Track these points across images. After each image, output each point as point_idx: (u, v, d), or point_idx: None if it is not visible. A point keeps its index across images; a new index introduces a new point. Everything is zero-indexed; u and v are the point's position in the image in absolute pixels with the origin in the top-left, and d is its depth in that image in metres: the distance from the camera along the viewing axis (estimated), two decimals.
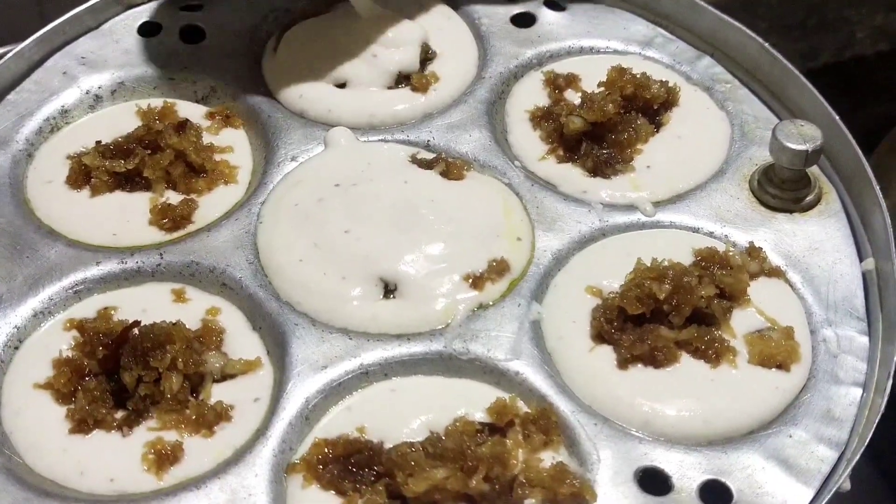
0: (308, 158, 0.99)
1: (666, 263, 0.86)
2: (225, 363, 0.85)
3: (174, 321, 0.84)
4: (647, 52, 1.08)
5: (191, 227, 0.94)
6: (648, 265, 0.86)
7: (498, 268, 0.89)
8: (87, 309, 0.89)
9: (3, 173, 0.98)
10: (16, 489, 0.77)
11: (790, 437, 0.80)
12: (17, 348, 0.87)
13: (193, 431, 0.81)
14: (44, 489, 0.78)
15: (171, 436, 0.81)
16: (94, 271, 0.91)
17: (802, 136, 0.92)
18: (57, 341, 0.86)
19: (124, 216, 0.94)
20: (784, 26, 1.41)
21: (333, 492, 0.77)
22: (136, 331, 0.83)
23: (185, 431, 0.81)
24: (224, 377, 0.85)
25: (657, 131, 1.00)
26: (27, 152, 1.00)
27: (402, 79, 1.05)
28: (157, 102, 1.03)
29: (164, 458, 0.79)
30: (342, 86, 1.05)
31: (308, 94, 1.04)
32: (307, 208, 0.94)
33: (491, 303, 0.88)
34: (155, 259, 0.91)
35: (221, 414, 0.82)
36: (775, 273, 0.89)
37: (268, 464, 0.79)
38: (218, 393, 0.84)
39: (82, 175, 0.97)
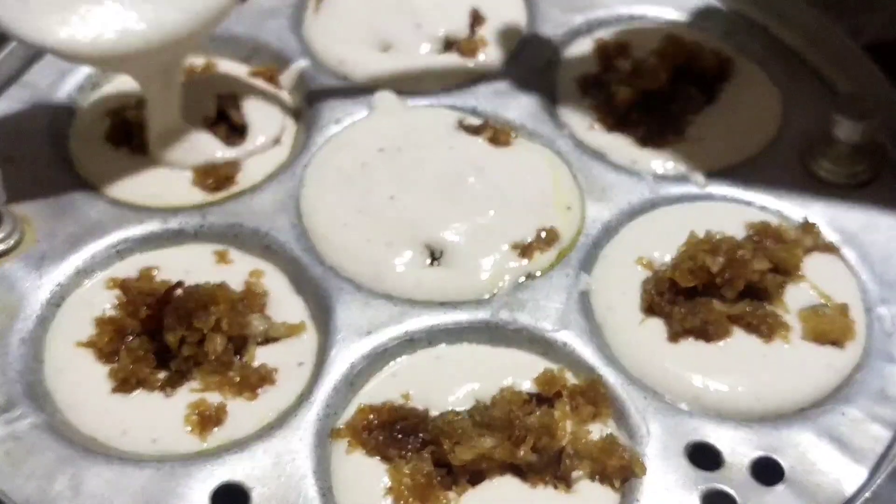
0: (352, 122, 0.98)
1: (719, 236, 0.85)
2: (268, 326, 0.83)
3: (218, 282, 0.83)
4: (701, 23, 1.06)
5: (234, 189, 0.93)
6: (701, 238, 0.85)
7: (547, 237, 0.88)
8: (129, 268, 0.88)
9: (44, 129, 0.97)
10: (59, 446, 0.76)
11: (843, 415, 0.79)
12: (58, 305, 0.86)
13: (237, 393, 0.80)
14: (86, 447, 0.77)
15: (214, 397, 0.80)
16: (136, 230, 0.90)
17: (860, 111, 0.90)
18: (99, 300, 0.85)
19: (166, 175, 0.93)
20: (826, 5, 1.39)
21: (378, 458, 0.76)
22: (179, 291, 0.82)
23: (228, 393, 0.80)
24: (267, 340, 0.83)
25: (710, 102, 0.99)
26: (69, 109, 0.99)
27: (450, 44, 1.03)
28: (199, 61, 1.02)
29: (207, 419, 0.78)
30: (386, 49, 1.03)
31: (351, 58, 1.03)
32: (351, 173, 0.92)
33: (539, 272, 0.87)
34: (197, 220, 0.90)
35: (265, 377, 0.81)
36: (830, 249, 0.88)
37: (312, 428, 0.78)
38: (261, 356, 0.83)
39: (123, 132, 0.96)
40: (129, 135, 0.96)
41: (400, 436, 0.77)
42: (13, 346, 0.82)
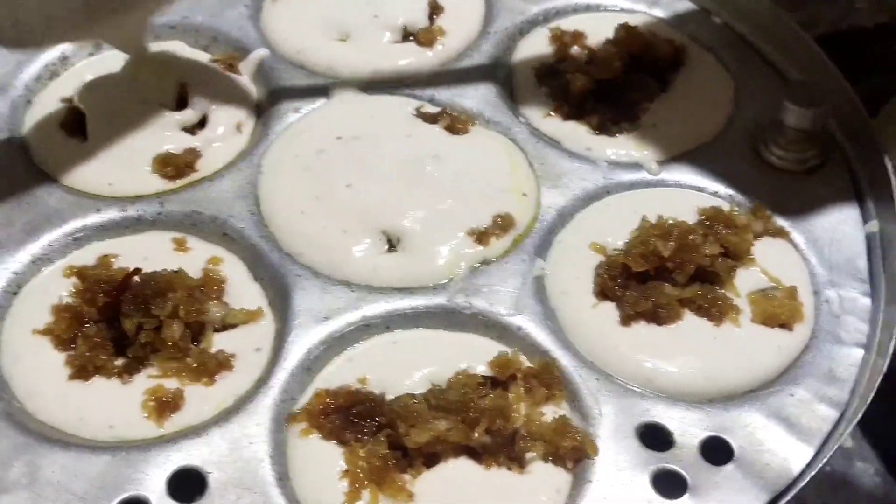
0: (310, 110, 0.98)
1: (671, 222, 0.86)
2: (226, 313, 0.84)
3: (176, 269, 0.83)
4: (654, 11, 1.08)
5: (193, 176, 0.93)
6: (653, 223, 0.86)
7: (503, 223, 0.89)
8: (87, 256, 0.88)
9: (1, 119, 0.97)
10: (15, 434, 0.76)
11: (791, 395, 0.80)
12: (15, 294, 0.86)
13: (194, 379, 0.80)
14: (44, 434, 0.77)
15: (171, 383, 0.80)
16: (94, 218, 0.90)
17: (810, 98, 0.91)
18: (56, 287, 0.85)
19: (124, 163, 0.93)
20: None
21: (335, 441, 0.77)
22: (137, 278, 0.82)
23: (185, 379, 0.80)
24: (225, 327, 0.84)
25: (663, 90, 1.00)
26: (26, 98, 0.99)
27: (408, 33, 1.04)
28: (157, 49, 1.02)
29: (164, 405, 0.79)
30: (344, 40, 1.04)
31: (308, 48, 1.03)
32: (307, 160, 0.93)
33: (494, 258, 0.88)
34: (155, 207, 0.91)
35: (223, 363, 0.81)
36: (779, 233, 0.89)
37: (269, 413, 0.78)
38: (219, 342, 0.83)
39: (78, 120, 0.96)
40: (84, 123, 0.95)
41: (356, 420, 0.78)
42: None
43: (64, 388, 0.80)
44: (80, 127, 0.95)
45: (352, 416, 0.78)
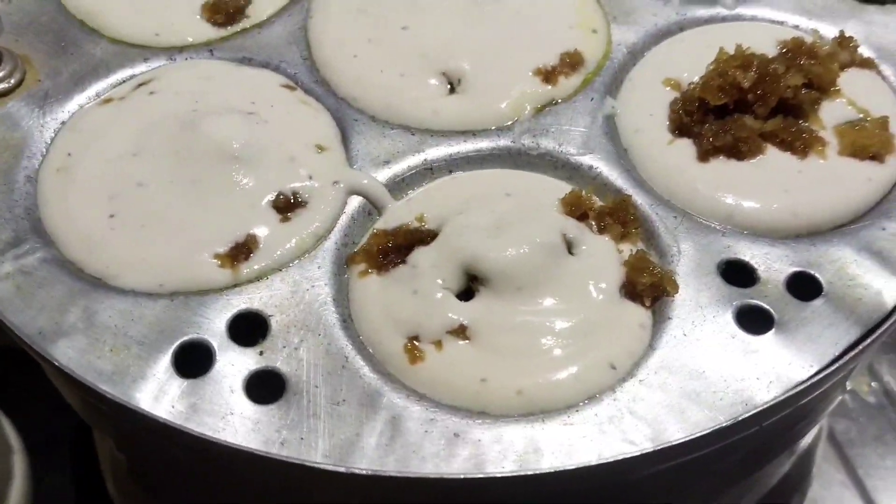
0: None
1: (750, 52, 0.80)
2: None
3: None
4: None
5: (245, 23, 0.89)
6: (731, 54, 0.80)
7: (571, 62, 0.84)
8: None
9: None
10: (70, 280, 0.73)
11: (883, 229, 0.75)
12: None
13: None
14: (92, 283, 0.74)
15: None
16: (141, 68, 0.86)
17: None
18: None
19: (171, 10, 0.89)
20: None
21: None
22: None
23: None
24: None
25: None
26: None
27: None
28: None
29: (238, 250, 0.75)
30: None
31: None
32: (359, 2, 0.88)
33: (561, 99, 0.83)
34: (205, 56, 0.87)
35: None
36: (867, 63, 0.84)
37: (330, 256, 0.75)
38: None
39: None
40: None
41: None
42: (19, 183, 0.79)
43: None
44: None
45: (411, 254, 0.75)
